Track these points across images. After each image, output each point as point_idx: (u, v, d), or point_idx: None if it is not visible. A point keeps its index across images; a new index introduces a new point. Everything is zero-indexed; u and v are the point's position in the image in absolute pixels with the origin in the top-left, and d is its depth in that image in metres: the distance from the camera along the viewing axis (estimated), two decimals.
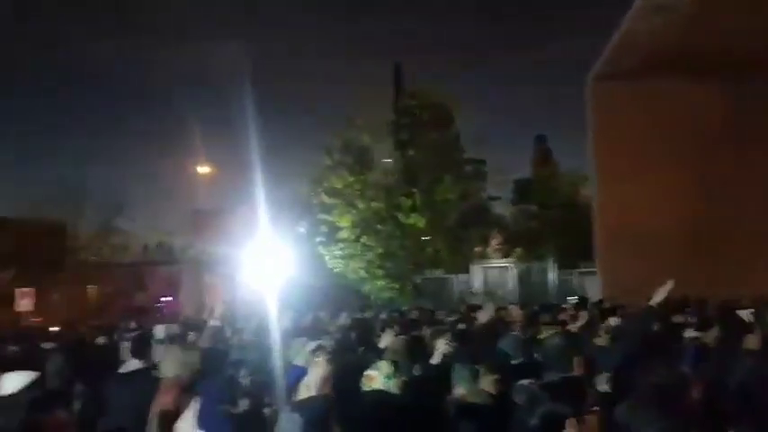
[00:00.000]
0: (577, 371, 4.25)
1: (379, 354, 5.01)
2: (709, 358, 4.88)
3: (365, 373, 4.36)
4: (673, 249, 13.00)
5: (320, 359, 2.63)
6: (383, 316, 11.81)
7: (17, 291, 18.93)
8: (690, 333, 5.95)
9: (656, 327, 5.95)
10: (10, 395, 3.46)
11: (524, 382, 3.68)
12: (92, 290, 32.90)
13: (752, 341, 4.76)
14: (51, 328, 13.86)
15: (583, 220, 17.60)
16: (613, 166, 14.45)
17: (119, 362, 6.73)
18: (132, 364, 5.27)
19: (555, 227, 21.85)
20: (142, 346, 5.46)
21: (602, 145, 14.83)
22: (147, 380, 4.62)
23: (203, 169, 32.23)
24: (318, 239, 20.36)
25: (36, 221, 29.64)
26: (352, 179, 20.13)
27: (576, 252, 18.24)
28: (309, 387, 2.56)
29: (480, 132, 20.85)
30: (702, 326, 5.89)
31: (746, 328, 5.38)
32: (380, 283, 19.98)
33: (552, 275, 18.62)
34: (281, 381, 3.47)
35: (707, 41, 12.17)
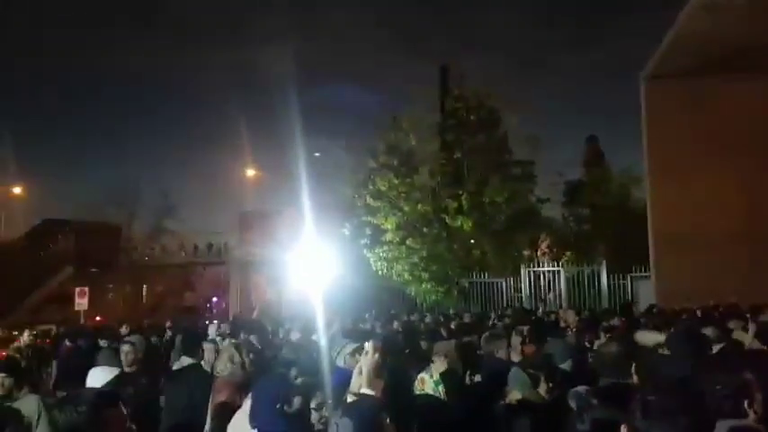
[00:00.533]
0: (633, 378, 4.12)
1: (425, 357, 4.98)
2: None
3: (418, 376, 4.34)
4: (729, 254, 12.56)
5: (371, 349, 2.60)
6: (428, 319, 11.79)
7: (76, 290, 19.67)
8: (746, 339, 5.74)
9: (712, 333, 5.74)
10: (84, 389, 3.60)
11: (579, 388, 3.59)
12: (144, 289, 33.96)
13: None
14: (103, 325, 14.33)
15: (636, 223, 17.13)
16: (668, 167, 14.08)
17: (170, 359, 6.92)
18: (184, 361, 5.40)
19: (607, 230, 21.32)
20: (192, 344, 5.59)
21: (655, 145, 14.47)
22: (200, 376, 4.74)
23: (251, 172, 32.88)
24: (363, 242, 20.41)
25: (93, 223, 30.79)
26: (397, 181, 20.12)
27: (628, 256, 17.74)
28: (361, 382, 2.54)
29: (531, 133, 20.49)
30: (760, 333, 5.66)
31: None
32: (426, 285, 19.90)
33: (604, 280, 18.15)
34: (329, 382, 3.49)
35: (762, 40, 11.75)
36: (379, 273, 20.06)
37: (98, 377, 3.81)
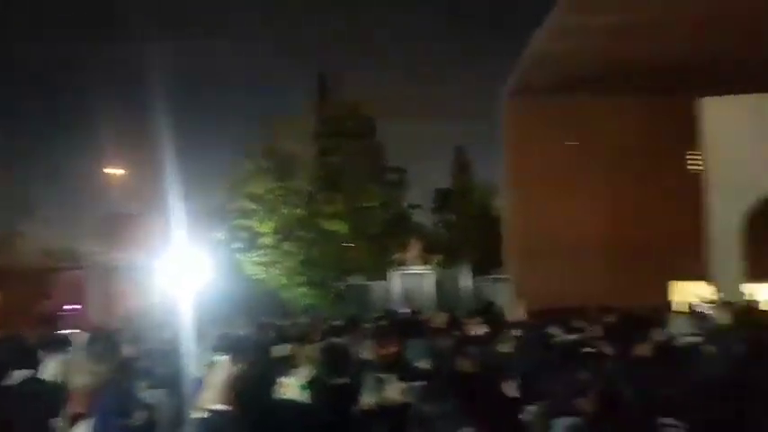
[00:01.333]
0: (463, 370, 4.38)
1: (290, 362, 5.00)
2: (605, 365, 5.11)
3: (279, 380, 4.36)
4: (580, 260, 13.56)
5: (225, 362, 2.62)
6: (300, 322, 11.76)
7: None
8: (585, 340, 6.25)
9: (555, 334, 6.19)
10: None
11: (416, 384, 3.77)
12: None
13: (644, 349, 4.95)
14: None
15: (497, 230, 18.23)
16: (525, 179, 14.94)
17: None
18: (22, 374, 4.99)
19: (471, 235, 22.55)
20: (27, 356, 5.18)
21: (514, 157, 15.35)
22: (44, 389, 4.42)
23: (115, 171, 30.81)
24: (237, 246, 19.98)
25: None
26: (274, 185, 19.93)
27: (490, 260, 18.87)
28: (212, 395, 2.55)
29: (407, 141, 21.21)
30: (598, 334, 6.17)
31: (640, 336, 5.61)
32: (302, 289, 19.86)
33: (468, 282, 19.18)
34: (184, 393, 3.43)
35: (618, 61, 12.75)
36: (254, 277, 19.73)
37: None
